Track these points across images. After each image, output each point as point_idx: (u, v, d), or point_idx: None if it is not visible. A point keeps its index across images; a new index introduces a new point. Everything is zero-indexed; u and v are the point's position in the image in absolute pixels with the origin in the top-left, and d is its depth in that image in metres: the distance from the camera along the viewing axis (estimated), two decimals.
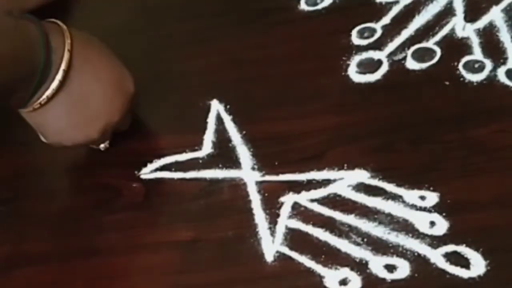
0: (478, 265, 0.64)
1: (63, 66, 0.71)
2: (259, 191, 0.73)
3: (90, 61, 0.74)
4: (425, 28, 0.81)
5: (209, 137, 0.78)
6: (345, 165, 0.73)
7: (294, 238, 0.69)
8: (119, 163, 0.78)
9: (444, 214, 0.68)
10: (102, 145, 0.78)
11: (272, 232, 0.70)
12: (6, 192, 0.79)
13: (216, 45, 0.86)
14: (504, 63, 0.76)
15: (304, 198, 0.72)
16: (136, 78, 0.77)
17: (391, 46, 0.81)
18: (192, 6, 0.91)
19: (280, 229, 0.70)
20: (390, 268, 0.66)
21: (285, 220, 0.71)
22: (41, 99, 0.72)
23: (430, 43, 0.80)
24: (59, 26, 0.74)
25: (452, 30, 0.80)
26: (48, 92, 0.71)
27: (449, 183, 0.69)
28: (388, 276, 0.66)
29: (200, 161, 0.77)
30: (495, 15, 0.80)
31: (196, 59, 0.85)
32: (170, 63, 0.86)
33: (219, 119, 0.79)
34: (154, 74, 0.85)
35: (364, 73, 0.79)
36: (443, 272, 0.65)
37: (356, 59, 0.81)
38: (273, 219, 0.71)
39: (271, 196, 0.72)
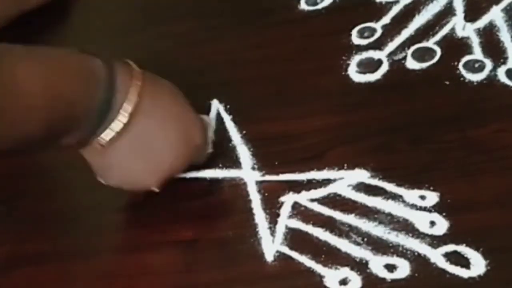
0: (478, 265, 0.64)
1: (130, 109, 0.68)
2: (259, 191, 0.73)
3: (160, 107, 0.71)
4: (425, 27, 0.81)
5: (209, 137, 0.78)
6: (345, 164, 0.73)
7: (294, 238, 0.69)
8: None
9: (444, 213, 0.68)
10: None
11: (272, 232, 0.70)
12: (6, 192, 0.79)
13: (216, 45, 0.86)
14: (504, 62, 0.76)
15: (304, 197, 0.72)
16: None
17: (391, 46, 0.81)
18: (192, 6, 0.91)
19: (280, 228, 0.70)
20: (390, 267, 0.66)
21: (285, 220, 0.71)
22: (102, 140, 0.68)
23: (430, 43, 0.80)
24: (130, 66, 0.71)
25: (452, 29, 0.80)
26: (110, 133, 0.68)
27: (449, 183, 0.69)
28: (388, 276, 0.66)
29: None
30: (495, 14, 0.80)
31: (196, 59, 0.85)
32: (170, 63, 0.86)
33: (219, 119, 0.79)
34: (154, 74, 0.85)
35: (364, 72, 0.79)
36: (443, 271, 0.65)
37: (356, 58, 0.80)
38: (273, 219, 0.71)
39: (271, 196, 0.72)
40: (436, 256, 0.66)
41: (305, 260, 0.68)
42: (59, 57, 0.67)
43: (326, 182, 0.72)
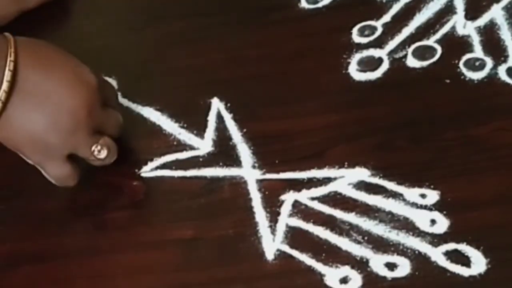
0: (478, 263, 0.64)
1: (9, 67, 0.69)
2: (259, 189, 0.73)
3: (42, 58, 0.72)
4: (425, 26, 0.81)
5: (209, 135, 0.78)
6: (346, 163, 0.73)
7: (295, 237, 0.69)
8: (120, 161, 0.78)
9: (444, 212, 0.68)
10: (94, 148, 0.73)
11: (273, 231, 0.70)
12: (6, 191, 0.79)
13: (216, 43, 0.86)
14: (505, 61, 0.76)
15: (304, 196, 0.72)
16: (136, 76, 0.77)
17: (392, 44, 0.81)
18: (192, 4, 0.91)
19: (281, 227, 0.70)
20: (391, 266, 0.66)
21: (285, 218, 0.71)
22: None
23: (430, 41, 0.80)
24: (2, 35, 0.71)
25: (453, 28, 0.80)
26: (0, 95, 0.69)
27: (450, 181, 0.69)
28: (389, 274, 0.66)
29: (201, 159, 0.77)
30: (495, 13, 0.80)
31: (196, 57, 0.85)
32: (170, 61, 0.86)
33: (220, 117, 0.79)
34: (154, 72, 0.85)
35: (364, 71, 0.79)
36: (444, 270, 0.65)
37: (356, 57, 0.80)
38: (273, 217, 0.71)
39: (272, 194, 0.72)
40: (437, 255, 0.66)
41: (306, 259, 0.68)
42: None
43: (326, 180, 0.72)
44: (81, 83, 0.72)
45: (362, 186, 0.71)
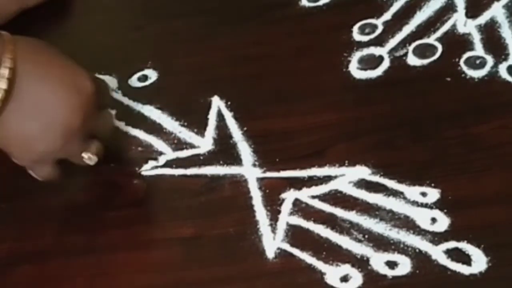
0: (479, 262, 0.64)
1: (6, 74, 0.68)
2: (260, 188, 0.73)
3: (38, 65, 0.70)
4: (426, 24, 0.81)
5: (210, 134, 0.78)
6: (346, 161, 0.73)
7: (295, 235, 0.69)
8: (120, 160, 0.78)
9: (445, 210, 0.68)
10: (84, 155, 0.74)
11: (273, 229, 0.70)
12: (7, 189, 0.79)
13: (217, 42, 0.86)
14: (505, 59, 0.76)
15: (305, 194, 0.72)
16: (136, 74, 0.77)
17: (392, 42, 0.81)
18: (192, 2, 0.91)
19: (281, 225, 0.70)
20: (391, 264, 0.66)
21: (286, 217, 0.71)
22: None
23: (431, 39, 0.80)
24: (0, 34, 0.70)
25: (454, 26, 0.80)
26: None
27: (450, 180, 0.69)
28: (389, 273, 0.65)
29: (201, 157, 0.77)
30: (496, 11, 0.80)
31: (197, 56, 0.85)
32: (170, 59, 0.86)
33: (220, 116, 0.79)
34: (154, 71, 0.85)
35: (365, 69, 0.79)
36: (444, 268, 0.65)
37: (357, 55, 0.80)
38: (274, 216, 0.71)
39: (272, 193, 0.72)
40: (437, 253, 0.66)
41: (306, 257, 0.68)
42: None
43: (327, 179, 0.72)
44: (78, 92, 0.71)
45: (363, 184, 0.71)
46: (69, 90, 0.71)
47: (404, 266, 0.65)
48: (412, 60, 0.79)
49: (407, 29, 0.81)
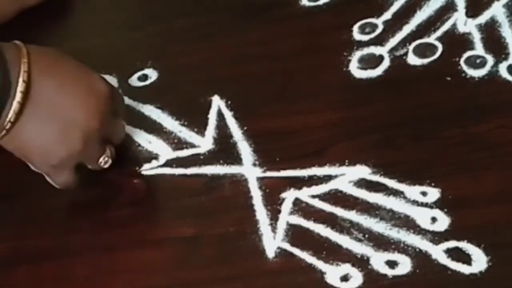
0: (479, 261, 0.64)
1: (23, 78, 0.68)
2: (260, 187, 0.73)
3: (54, 69, 0.71)
4: (426, 23, 0.81)
5: (210, 133, 0.78)
6: (346, 161, 0.73)
7: (295, 234, 0.69)
8: (120, 160, 0.78)
9: (445, 210, 0.68)
10: (101, 159, 0.74)
11: (273, 228, 0.70)
12: (7, 188, 0.79)
13: (217, 41, 0.86)
14: (505, 58, 0.76)
15: (305, 194, 0.72)
16: (136, 74, 0.77)
17: (393, 42, 0.81)
18: (192, 2, 0.91)
19: (281, 225, 0.70)
20: (392, 264, 0.66)
21: (286, 216, 0.71)
22: (9, 116, 0.68)
23: (431, 39, 0.80)
24: (14, 44, 0.70)
25: (454, 25, 0.80)
26: (14, 106, 0.68)
27: (451, 179, 0.69)
28: (390, 272, 0.65)
29: (201, 157, 0.77)
30: (496, 10, 0.80)
31: (197, 55, 0.85)
32: (170, 59, 0.86)
33: (220, 115, 0.79)
34: (154, 70, 0.85)
35: (365, 68, 0.79)
36: (445, 268, 0.65)
37: (357, 54, 0.80)
38: (274, 215, 0.71)
39: (272, 192, 0.72)
40: (438, 252, 0.66)
41: (306, 257, 0.68)
42: None
43: (327, 178, 0.72)
44: (94, 95, 0.72)
45: (363, 184, 0.71)
46: (86, 92, 0.72)
47: (404, 265, 0.65)
48: (412, 60, 0.79)
49: (407, 29, 0.81)
